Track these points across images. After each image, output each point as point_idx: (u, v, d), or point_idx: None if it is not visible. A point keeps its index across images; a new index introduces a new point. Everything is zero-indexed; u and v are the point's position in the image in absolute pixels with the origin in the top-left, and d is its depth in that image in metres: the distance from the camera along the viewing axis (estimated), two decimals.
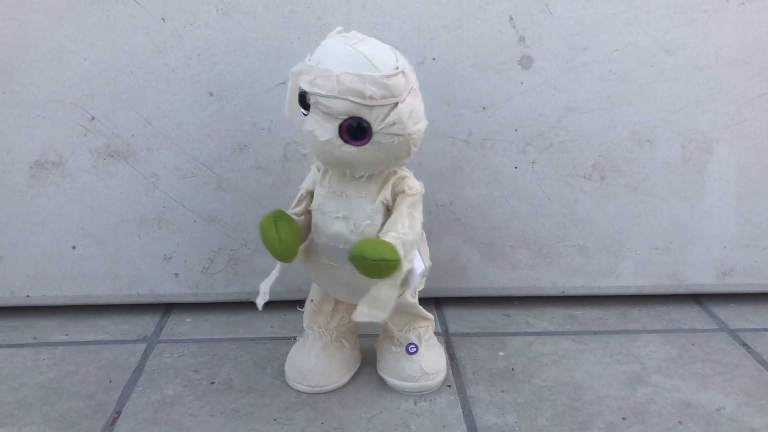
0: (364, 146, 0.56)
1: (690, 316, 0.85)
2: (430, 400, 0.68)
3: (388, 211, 0.61)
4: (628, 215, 0.84)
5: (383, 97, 0.54)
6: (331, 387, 0.69)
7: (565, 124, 0.80)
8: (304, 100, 0.57)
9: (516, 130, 0.80)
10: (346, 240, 0.60)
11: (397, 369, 0.68)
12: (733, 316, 0.85)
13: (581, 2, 0.77)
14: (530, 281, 0.86)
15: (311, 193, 0.63)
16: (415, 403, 0.67)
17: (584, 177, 0.82)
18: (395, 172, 0.61)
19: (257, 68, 0.77)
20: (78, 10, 0.75)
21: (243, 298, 0.85)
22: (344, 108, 0.54)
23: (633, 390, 0.69)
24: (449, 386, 0.70)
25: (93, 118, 0.78)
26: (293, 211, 0.64)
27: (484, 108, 0.79)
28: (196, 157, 0.80)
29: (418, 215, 0.61)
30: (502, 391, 0.69)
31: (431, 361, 0.69)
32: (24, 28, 0.75)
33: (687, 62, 0.79)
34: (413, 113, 0.56)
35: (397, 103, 0.55)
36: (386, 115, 0.55)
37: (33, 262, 0.82)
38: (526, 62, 0.79)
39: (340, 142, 0.56)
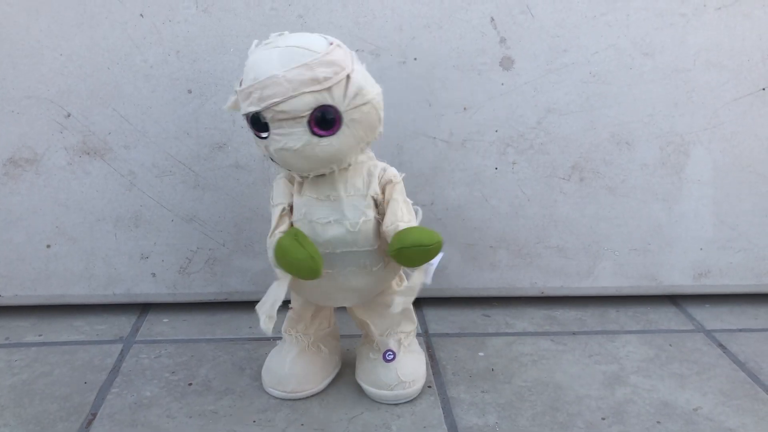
0: (339, 132, 0.55)
1: (667, 317, 0.86)
2: (411, 401, 0.67)
3: (376, 204, 0.61)
4: (606, 216, 0.84)
5: (335, 74, 0.54)
6: (307, 393, 0.67)
7: (545, 126, 0.81)
8: (258, 122, 0.56)
9: (496, 131, 0.80)
10: (344, 242, 0.59)
11: (373, 376, 0.67)
12: (709, 316, 0.86)
13: (562, 4, 0.77)
14: (510, 282, 0.86)
15: (291, 206, 0.62)
16: (396, 404, 0.67)
17: (564, 178, 0.83)
18: (375, 165, 0.61)
19: (237, 66, 0.76)
20: (54, 5, 0.73)
21: (221, 298, 0.84)
22: (306, 103, 0.54)
23: (612, 390, 0.70)
24: (430, 387, 0.70)
25: (69, 115, 0.76)
26: (280, 230, 0.61)
27: (465, 108, 0.80)
28: (174, 155, 0.78)
29: (409, 201, 0.62)
30: (482, 392, 0.69)
31: (409, 369, 0.67)
32: None
33: (665, 65, 0.80)
34: (366, 77, 0.57)
35: (348, 75, 0.55)
36: (346, 90, 0.55)
37: (6, 260, 0.80)
38: (506, 63, 0.79)
39: (316, 139, 0.55)
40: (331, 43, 0.56)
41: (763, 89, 0.81)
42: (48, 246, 0.80)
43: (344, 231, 0.59)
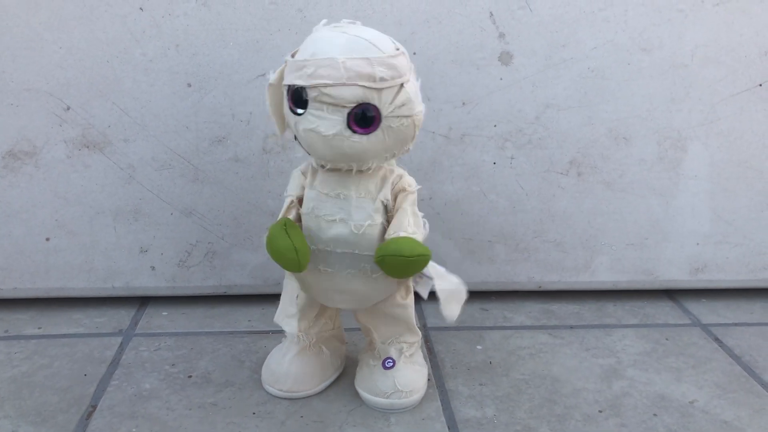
0: (373, 134, 0.54)
1: (664, 311, 0.87)
2: None
3: (386, 210, 0.60)
4: (604, 211, 0.85)
5: (392, 78, 0.53)
6: (302, 394, 0.66)
7: (544, 121, 0.81)
8: (300, 97, 0.54)
9: (495, 126, 0.81)
10: (346, 242, 0.59)
11: (370, 383, 0.66)
12: (705, 311, 0.87)
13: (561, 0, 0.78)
14: (508, 276, 0.86)
15: (301, 199, 0.61)
16: None
17: (561, 173, 0.83)
18: (392, 171, 0.60)
19: (236, 60, 0.76)
20: None
21: (220, 291, 0.84)
22: (354, 95, 0.53)
23: (609, 383, 0.70)
24: (428, 380, 0.70)
25: (68, 108, 0.76)
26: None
27: (463, 103, 0.80)
28: (174, 148, 0.79)
29: (419, 213, 0.61)
30: (480, 385, 0.70)
31: (407, 379, 0.65)
32: None
33: (663, 61, 0.80)
34: (417, 93, 0.56)
35: (402, 84, 0.54)
36: (395, 97, 0.54)
37: (5, 253, 0.80)
38: (505, 58, 0.79)
39: (349, 133, 0.54)
40: (398, 48, 0.55)
41: (761, 85, 0.81)
42: (47, 239, 0.80)
43: (348, 231, 0.58)
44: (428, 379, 0.69)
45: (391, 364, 0.66)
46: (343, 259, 0.60)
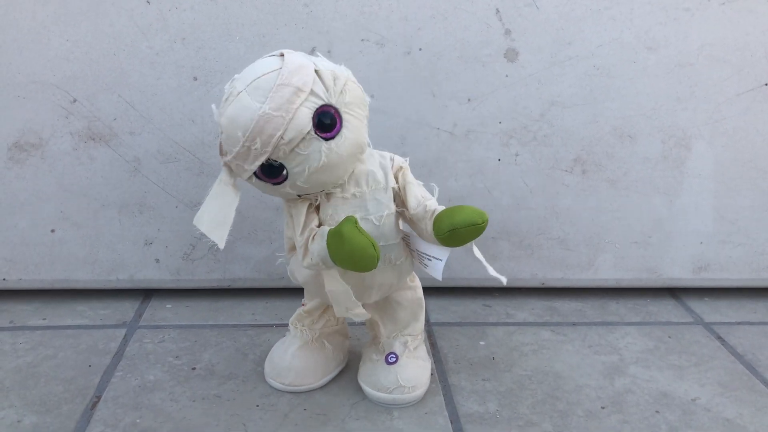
0: (345, 123, 0.55)
1: (666, 310, 0.87)
2: None
3: (394, 197, 0.60)
4: (608, 209, 0.85)
5: (307, 75, 0.54)
6: (305, 388, 0.67)
7: (549, 118, 0.81)
8: (272, 169, 0.55)
9: (500, 123, 0.81)
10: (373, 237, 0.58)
11: (373, 378, 0.66)
12: (708, 309, 0.87)
13: None
14: (511, 272, 0.87)
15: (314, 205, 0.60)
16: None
17: (566, 171, 0.83)
18: (383, 155, 0.61)
19: (242, 54, 0.77)
20: None
21: (224, 285, 0.84)
22: (305, 116, 0.53)
23: (611, 380, 0.71)
24: (431, 374, 0.70)
25: (74, 101, 0.77)
26: (314, 224, 0.58)
27: (469, 100, 0.80)
28: (179, 141, 0.79)
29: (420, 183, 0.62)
30: (483, 380, 0.70)
31: (410, 374, 0.65)
32: (4, 7, 0.73)
33: (669, 59, 0.80)
34: (326, 62, 0.57)
35: (316, 69, 0.55)
36: (324, 82, 0.55)
37: (10, 245, 0.81)
38: (511, 55, 0.79)
39: (331, 143, 0.54)
40: (281, 54, 0.55)
41: (766, 84, 0.81)
42: (52, 231, 0.81)
43: (371, 226, 0.58)
44: (431, 374, 0.69)
45: (395, 359, 0.66)
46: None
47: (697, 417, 0.65)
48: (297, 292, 0.82)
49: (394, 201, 0.60)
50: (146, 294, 0.86)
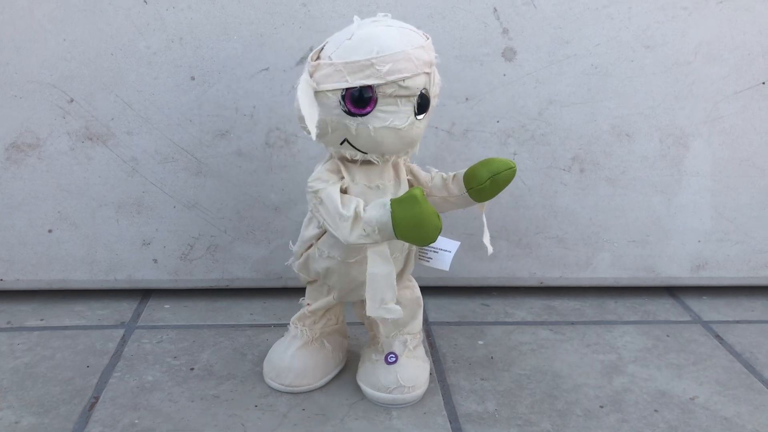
0: (425, 116, 0.56)
1: (665, 308, 0.87)
2: None
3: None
4: (606, 208, 0.85)
5: (436, 60, 0.56)
6: (304, 389, 0.67)
7: (547, 117, 0.81)
8: (360, 98, 0.53)
9: (498, 122, 0.81)
10: None
11: (372, 378, 0.66)
12: (706, 308, 0.87)
13: None
14: (509, 272, 0.87)
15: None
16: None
17: (564, 169, 0.83)
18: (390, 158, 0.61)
19: (240, 53, 0.76)
20: None
21: (222, 285, 0.84)
22: (423, 82, 0.54)
23: (610, 379, 0.71)
24: (430, 374, 0.70)
25: (72, 100, 0.76)
26: (356, 201, 0.56)
27: (467, 99, 0.80)
28: (177, 141, 0.79)
29: None
30: (481, 379, 0.70)
31: (410, 374, 0.65)
32: (1, 6, 0.73)
33: (666, 58, 0.80)
34: None
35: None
36: (434, 77, 0.56)
37: (7, 245, 0.80)
38: (509, 54, 0.79)
39: (414, 120, 0.55)
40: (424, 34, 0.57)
41: (763, 83, 0.81)
42: (50, 231, 0.80)
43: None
44: (430, 374, 0.69)
45: (394, 359, 0.66)
46: (395, 244, 0.60)
47: (696, 415, 0.65)
48: (295, 292, 0.82)
49: None
50: (144, 294, 0.86)
